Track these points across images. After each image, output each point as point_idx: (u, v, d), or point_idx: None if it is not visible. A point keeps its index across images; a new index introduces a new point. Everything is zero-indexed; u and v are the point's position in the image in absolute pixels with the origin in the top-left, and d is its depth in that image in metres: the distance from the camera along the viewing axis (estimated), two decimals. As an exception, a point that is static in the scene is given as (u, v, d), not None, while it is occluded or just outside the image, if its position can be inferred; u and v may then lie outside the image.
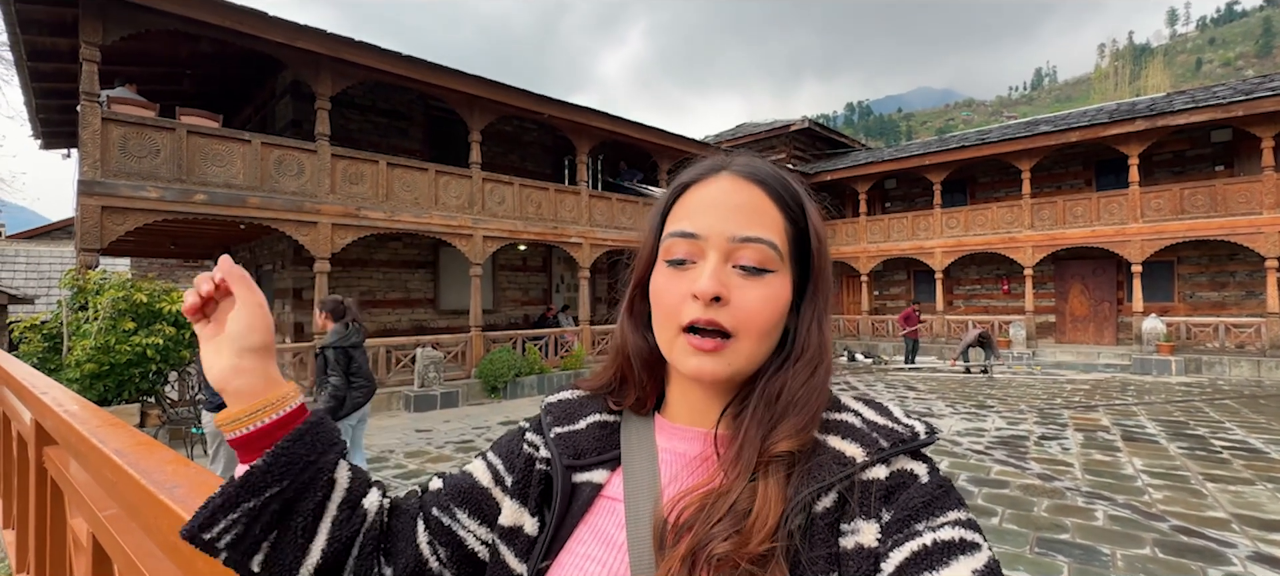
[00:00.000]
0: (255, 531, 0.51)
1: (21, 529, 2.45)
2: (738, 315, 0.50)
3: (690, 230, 0.52)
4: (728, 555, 0.43)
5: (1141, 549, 3.79)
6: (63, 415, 1.36)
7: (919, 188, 18.33)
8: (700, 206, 0.53)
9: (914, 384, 11.71)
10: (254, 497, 0.51)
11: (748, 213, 0.52)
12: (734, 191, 0.53)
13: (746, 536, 0.43)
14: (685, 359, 0.51)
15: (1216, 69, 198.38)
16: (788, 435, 0.48)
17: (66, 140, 12.33)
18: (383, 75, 9.63)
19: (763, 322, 0.51)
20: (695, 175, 0.56)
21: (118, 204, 7.12)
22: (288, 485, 0.53)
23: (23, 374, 2.20)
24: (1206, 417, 7.99)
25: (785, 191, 0.54)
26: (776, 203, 0.53)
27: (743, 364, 0.51)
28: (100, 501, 1.23)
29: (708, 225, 0.51)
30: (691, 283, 0.51)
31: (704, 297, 0.49)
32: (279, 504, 0.52)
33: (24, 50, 8.30)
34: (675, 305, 0.51)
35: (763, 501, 0.45)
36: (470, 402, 10.00)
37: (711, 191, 0.53)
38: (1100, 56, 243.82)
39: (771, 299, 0.51)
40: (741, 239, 0.51)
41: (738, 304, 0.50)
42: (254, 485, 0.51)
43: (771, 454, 0.47)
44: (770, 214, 0.53)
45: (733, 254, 0.51)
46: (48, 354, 6.83)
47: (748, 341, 0.50)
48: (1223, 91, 13.48)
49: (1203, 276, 14.42)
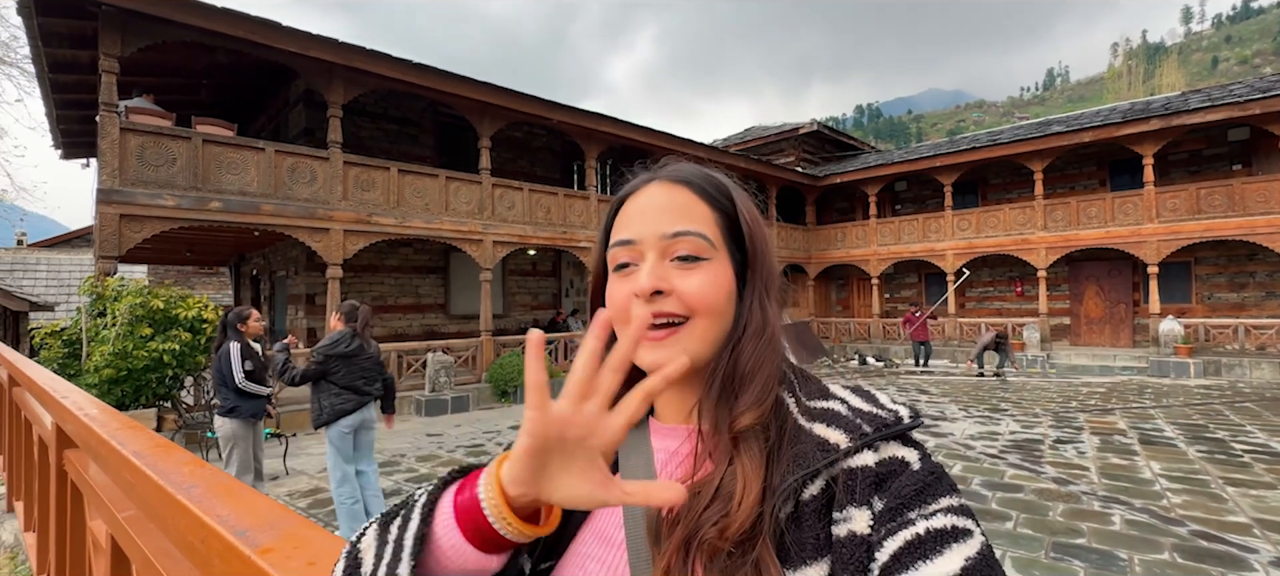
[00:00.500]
0: None
1: (42, 531, 2.50)
2: (683, 300, 0.53)
3: (628, 237, 0.56)
4: (717, 537, 0.44)
5: (1160, 554, 3.73)
6: (83, 419, 1.39)
7: (929, 189, 18.19)
8: (635, 214, 0.57)
9: (926, 387, 11.60)
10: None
11: (675, 211, 0.56)
12: (662, 195, 0.57)
13: (732, 516, 0.45)
14: (642, 355, 0.53)
15: (1233, 67, 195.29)
16: (747, 407, 0.50)
17: (86, 150, 12.57)
18: (394, 83, 9.73)
19: (709, 302, 0.54)
20: (630, 189, 0.60)
21: (135, 212, 7.25)
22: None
23: (44, 379, 2.24)
24: (1226, 421, 7.85)
25: (709, 185, 0.58)
26: (702, 197, 0.57)
27: (696, 345, 0.53)
28: (119, 503, 1.26)
29: (641, 229, 0.56)
30: (634, 283, 0.54)
31: (643, 293, 0.52)
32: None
33: (45, 63, 8.49)
34: (623, 307, 0.55)
35: (741, 479, 0.47)
36: (481, 407, 10.04)
37: (643, 199, 0.57)
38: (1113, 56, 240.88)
39: (710, 281, 0.54)
40: (672, 234, 0.54)
41: (680, 290, 0.53)
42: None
43: (737, 430, 0.50)
44: (697, 208, 0.56)
45: (667, 250, 0.55)
46: (68, 359, 6.96)
47: (701, 321, 0.53)
48: (1239, 89, 13.27)
49: (1221, 277, 14.18)
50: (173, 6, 7.31)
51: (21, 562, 3.42)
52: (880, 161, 18.44)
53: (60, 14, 7.22)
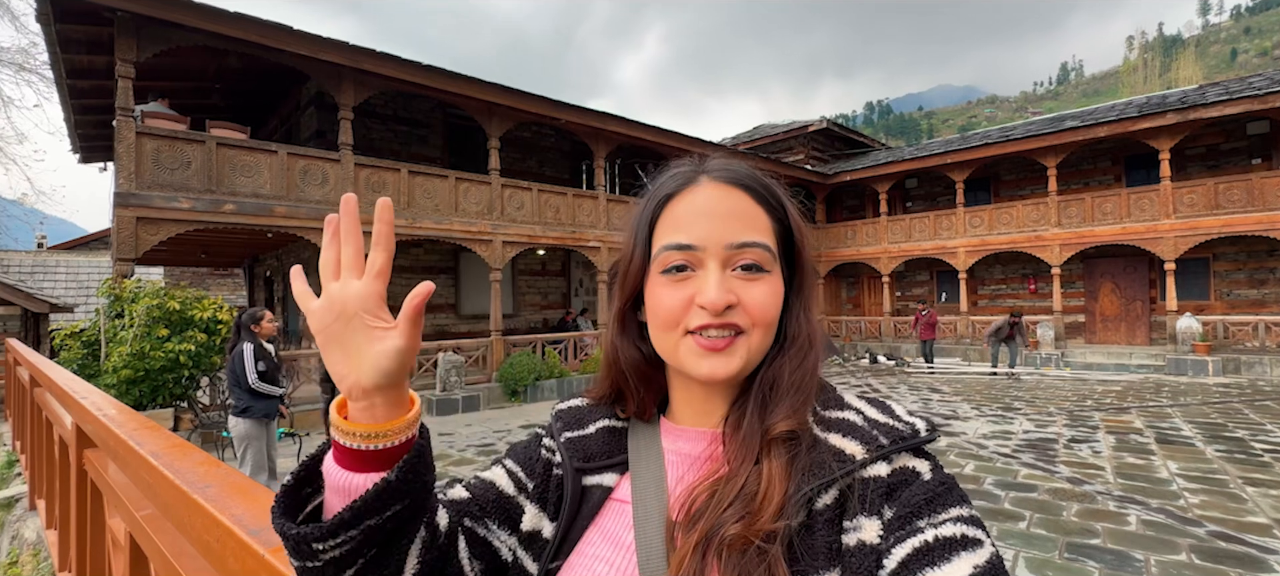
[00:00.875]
0: (363, 550, 0.47)
1: (63, 529, 2.54)
2: (748, 313, 0.52)
3: (687, 242, 0.53)
4: (739, 534, 0.44)
5: (1177, 554, 3.68)
6: (102, 419, 1.41)
7: (941, 187, 18.03)
8: (691, 216, 0.54)
9: (938, 386, 11.50)
10: (377, 515, 0.46)
11: (739, 219, 0.54)
12: (721, 199, 0.54)
13: (757, 514, 0.45)
14: (697, 363, 0.52)
15: (1252, 59, 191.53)
16: (784, 415, 0.50)
17: (103, 154, 12.78)
18: (403, 84, 9.80)
19: (768, 316, 0.53)
20: (676, 184, 0.57)
21: (151, 215, 7.36)
22: (407, 504, 0.48)
23: (64, 379, 2.28)
24: (1246, 419, 7.71)
25: (769, 193, 0.57)
26: (762, 205, 0.55)
27: (754, 356, 0.53)
28: (137, 501, 1.28)
29: (703, 235, 0.53)
30: (692, 290, 0.52)
31: (715, 309, 0.51)
32: (394, 524, 0.48)
33: (63, 68, 8.64)
34: (678, 313, 0.53)
35: (768, 481, 0.47)
36: (491, 406, 10.10)
37: (699, 200, 0.54)
38: (1128, 49, 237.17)
39: (771, 295, 0.53)
40: (739, 245, 0.53)
41: (746, 303, 0.52)
42: (383, 501, 0.46)
43: (772, 435, 0.49)
44: (759, 217, 0.55)
45: (731, 260, 0.53)
46: (87, 360, 7.08)
47: (757, 334, 0.53)
48: (1258, 82, 13.03)
49: (1240, 273, 13.93)
50: (185, 11, 7.42)
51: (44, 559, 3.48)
52: (891, 159, 18.30)
53: (77, 20, 7.34)
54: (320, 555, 0.46)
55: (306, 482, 0.50)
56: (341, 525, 0.45)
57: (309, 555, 0.46)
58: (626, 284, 0.59)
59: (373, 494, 0.45)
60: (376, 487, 0.45)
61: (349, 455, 0.47)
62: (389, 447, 0.47)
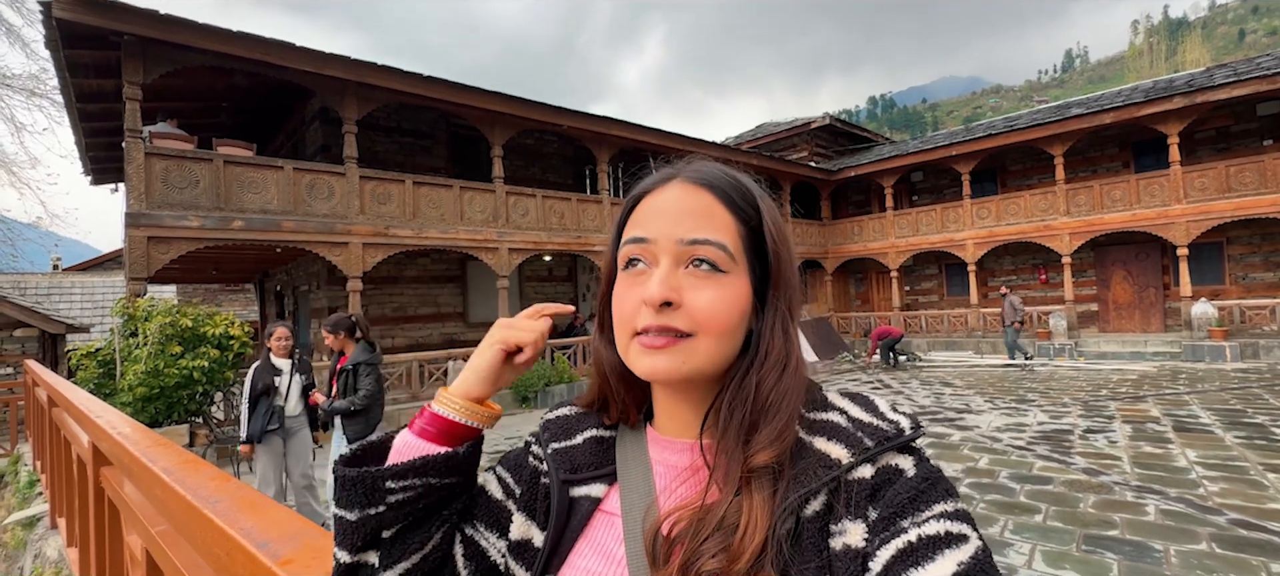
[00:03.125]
0: (418, 503, 0.55)
1: (83, 546, 2.58)
2: (693, 316, 0.50)
3: (641, 235, 0.53)
4: (717, 572, 0.43)
5: (1197, 544, 3.63)
6: (116, 437, 1.43)
7: (947, 179, 17.91)
8: (651, 213, 0.54)
9: (950, 379, 11.41)
10: (439, 476, 0.55)
11: (697, 216, 0.52)
12: (683, 197, 0.53)
13: (736, 553, 0.43)
14: (638, 359, 0.51)
15: (1261, 39, 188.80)
16: (765, 444, 0.47)
17: (114, 175, 12.96)
18: (405, 96, 9.88)
19: (719, 322, 0.51)
20: (649, 185, 0.56)
21: (162, 233, 7.46)
22: (460, 480, 0.58)
23: (80, 399, 2.32)
24: (1266, 405, 7.59)
25: (736, 193, 0.55)
26: (726, 204, 0.54)
27: (700, 363, 0.51)
28: (152, 518, 1.30)
29: (657, 229, 0.52)
30: (644, 288, 0.51)
31: (652, 303, 0.50)
32: (446, 492, 0.57)
33: (73, 93, 8.79)
34: (630, 312, 0.52)
35: (748, 517, 0.45)
36: (502, 412, 10.12)
37: (663, 198, 0.54)
38: (1134, 34, 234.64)
39: (724, 298, 0.51)
40: (690, 241, 0.51)
41: (690, 305, 0.50)
42: (452, 466, 0.56)
43: (752, 467, 0.47)
44: (720, 216, 0.53)
45: (682, 256, 0.52)
46: (103, 379, 7.17)
47: (706, 339, 0.50)
48: (1268, 62, 12.85)
49: (1255, 256, 13.73)
50: (191, 33, 7.52)
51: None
52: (895, 152, 18.21)
53: (85, 45, 7.46)
54: (389, 496, 0.53)
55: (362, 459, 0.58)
56: (413, 469, 0.54)
57: (379, 496, 0.53)
58: (603, 285, 0.60)
59: (444, 456, 0.55)
60: (447, 453, 0.56)
61: (438, 423, 0.58)
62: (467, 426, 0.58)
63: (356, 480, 0.53)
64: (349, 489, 0.54)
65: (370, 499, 0.53)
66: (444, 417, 0.58)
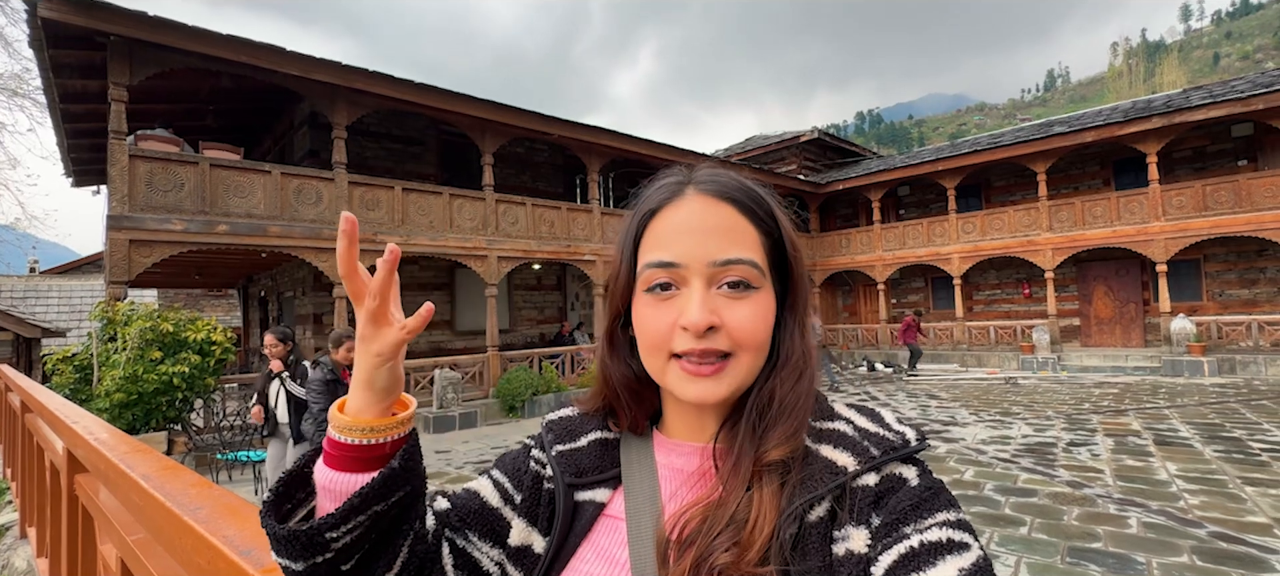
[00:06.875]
0: (369, 535, 0.49)
1: (55, 556, 2.50)
2: (732, 335, 0.50)
3: (669, 259, 0.51)
4: (729, 565, 0.44)
5: (1179, 556, 3.67)
6: (93, 443, 1.40)
7: (933, 194, 18.17)
8: (674, 232, 0.52)
9: (936, 392, 11.50)
10: (383, 500, 0.49)
11: (724, 234, 0.51)
12: (706, 212, 0.52)
13: (746, 545, 0.44)
14: (685, 387, 0.50)
15: (1234, 63, 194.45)
16: (779, 442, 0.48)
17: (96, 177, 12.75)
18: (395, 102, 9.84)
19: (758, 338, 0.51)
20: (662, 198, 0.55)
21: (145, 237, 7.33)
22: (409, 490, 0.51)
23: (55, 404, 2.26)
24: (1243, 419, 7.74)
25: (758, 205, 0.54)
26: (750, 218, 0.53)
27: (743, 379, 0.51)
28: (128, 526, 1.26)
29: (685, 252, 0.51)
30: (677, 311, 0.50)
31: (696, 330, 0.49)
32: (397, 509, 0.50)
33: (56, 93, 8.65)
34: (664, 335, 0.51)
35: (758, 510, 0.46)
36: (489, 422, 10.03)
37: (683, 215, 0.52)
38: (1113, 55, 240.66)
39: (759, 314, 0.51)
40: (723, 262, 0.50)
41: (730, 325, 0.50)
42: (390, 487, 0.49)
43: (765, 462, 0.48)
44: (746, 231, 0.52)
45: (715, 277, 0.51)
46: (79, 385, 7.01)
47: (746, 356, 0.50)
48: (1242, 85, 13.22)
49: (1231, 274, 14.04)
50: (178, 34, 7.45)
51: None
52: (882, 166, 18.44)
53: (70, 46, 7.36)
54: (333, 544, 0.48)
55: (289, 494, 0.52)
56: (352, 510, 0.47)
57: (320, 548, 0.47)
58: (614, 301, 0.58)
59: (380, 480, 0.48)
60: (382, 474, 0.49)
61: (346, 452, 0.50)
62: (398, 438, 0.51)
63: (288, 538, 0.47)
64: (285, 545, 0.47)
65: (311, 551, 0.47)
66: (357, 445, 0.50)
